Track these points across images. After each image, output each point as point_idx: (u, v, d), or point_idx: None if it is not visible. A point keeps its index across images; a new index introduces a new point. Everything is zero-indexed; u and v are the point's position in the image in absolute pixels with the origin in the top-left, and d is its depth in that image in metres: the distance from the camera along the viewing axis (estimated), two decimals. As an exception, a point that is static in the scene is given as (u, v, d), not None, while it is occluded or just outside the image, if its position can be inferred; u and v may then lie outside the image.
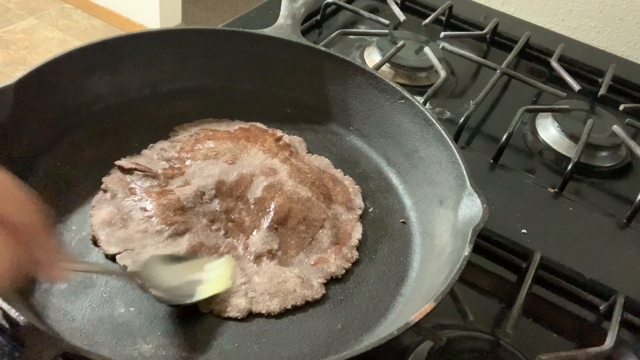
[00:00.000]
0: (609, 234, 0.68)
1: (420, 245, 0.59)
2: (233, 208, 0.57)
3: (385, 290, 0.55)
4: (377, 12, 0.99)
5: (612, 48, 1.07)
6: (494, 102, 0.86)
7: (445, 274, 0.49)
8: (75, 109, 0.62)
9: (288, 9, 0.73)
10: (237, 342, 0.49)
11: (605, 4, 1.05)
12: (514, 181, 0.72)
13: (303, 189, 0.59)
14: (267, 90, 0.72)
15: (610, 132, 0.80)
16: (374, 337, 0.50)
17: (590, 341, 0.56)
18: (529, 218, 0.66)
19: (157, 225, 0.54)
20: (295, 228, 0.57)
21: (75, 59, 0.61)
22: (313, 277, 0.54)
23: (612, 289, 0.60)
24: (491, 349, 0.52)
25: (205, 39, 0.69)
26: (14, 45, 2.37)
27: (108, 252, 0.52)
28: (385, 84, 0.67)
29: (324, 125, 0.71)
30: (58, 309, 0.48)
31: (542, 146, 0.80)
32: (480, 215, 0.52)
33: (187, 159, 0.61)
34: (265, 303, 0.51)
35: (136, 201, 0.56)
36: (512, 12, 1.11)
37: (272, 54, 0.70)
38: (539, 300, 0.60)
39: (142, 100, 0.67)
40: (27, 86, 0.56)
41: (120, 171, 0.59)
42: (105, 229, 0.54)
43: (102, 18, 2.60)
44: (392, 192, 0.65)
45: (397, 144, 0.67)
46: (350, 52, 0.90)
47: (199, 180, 0.58)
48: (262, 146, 0.64)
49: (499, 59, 0.89)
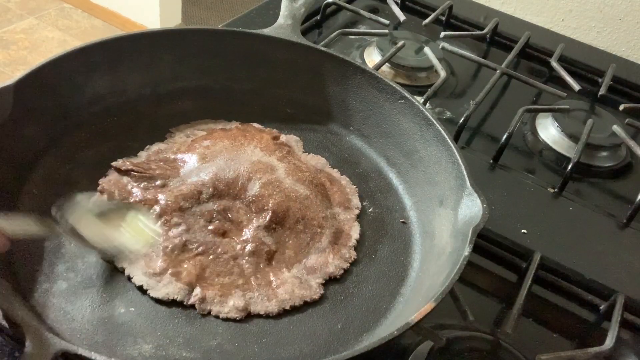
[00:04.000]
0: (609, 234, 0.68)
1: (420, 245, 0.59)
2: (230, 207, 0.57)
3: (385, 290, 0.55)
4: (377, 12, 0.99)
5: (612, 48, 1.07)
6: (494, 102, 0.86)
7: (445, 274, 0.49)
8: (75, 109, 0.62)
9: (288, 9, 0.73)
10: (237, 342, 0.49)
11: (605, 4, 1.05)
12: (514, 181, 0.72)
13: (301, 187, 0.59)
14: (267, 90, 0.71)
15: (610, 132, 0.80)
16: (374, 337, 0.50)
17: (590, 341, 0.57)
18: (529, 218, 0.66)
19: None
20: (293, 228, 0.57)
21: (75, 59, 0.61)
22: (311, 277, 0.54)
23: (612, 289, 0.60)
24: (491, 349, 0.52)
25: (205, 39, 0.69)
26: (14, 45, 2.37)
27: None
28: (385, 84, 0.67)
29: (324, 125, 0.71)
30: (58, 309, 0.48)
31: (542, 146, 0.80)
32: (480, 215, 0.52)
33: (183, 159, 0.61)
34: (263, 304, 0.51)
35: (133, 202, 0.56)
36: (512, 12, 1.11)
37: (272, 53, 0.70)
38: (539, 300, 0.60)
39: (142, 100, 0.67)
40: (27, 86, 0.56)
41: (117, 172, 0.59)
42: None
43: (102, 18, 2.60)
44: (392, 192, 0.65)
45: (397, 144, 0.67)
46: (350, 52, 0.90)
47: (195, 180, 0.58)
48: (259, 144, 0.64)
49: (499, 59, 0.89)
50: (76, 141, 0.61)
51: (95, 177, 0.58)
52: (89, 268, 0.52)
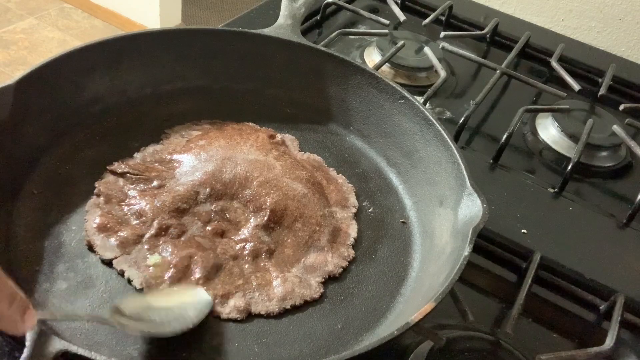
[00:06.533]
0: (609, 234, 0.68)
1: (420, 245, 0.59)
2: (228, 207, 0.57)
3: (385, 290, 0.55)
4: (377, 12, 0.99)
5: (612, 48, 1.07)
6: (494, 102, 0.86)
7: (445, 274, 0.49)
8: (75, 109, 0.62)
9: (288, 9, 0.73)
10: (237, 342, 0.49)
11: (605, 4, 1.05)
12: (514, 181, 0.72)
13: (298, 186, 0.59)
14: (267, 90, 0.72)
15: (610, 132, 0.80)
16: (374, 337, 0.50)
17: (590, 341, 0.56)
18: (529, 218, 0.66)
19: (152, 229, 0.54)
20: (291, 226, 0.57)
21: (75, 59, 0.61)
22: (311, 276, 0.54)
23: (612, 289, 0.60)
24: (491, 349, 0.52)
25: (205, 39, 0.69)
26: (14, 45, 2.37)
27: (104, 257, 0.52)
28: (385, 84, 0.67)
29: (324, 125, 0.71)
30: (58, 309, 0.48)
31: (542, 146, 0.80)
32: (480, 215, 0.52)
33: (179, 160, 0.61)
34: (264, 303, 0.51)
35: (130, 205, 0.56)
36: (512, 12, 1.11)
37: (272, 54, 0.70)
38: (539, 300, 0.60)
39: (142, 100, 0.67)
40: (27, 86, 0.56)
41: (113, 175, 0.59)
42: (100, 233, 0.53)
43: (102, 18, 2.60)
44: (392, 192, 0.65)
45: (397, 144, 0.67)
46: (350, 52, 0.90)
47: (192, 180, 0.58)
48: (255, 142, 0.64)
49: (499, 59, 0.89)
50: (76, 141, 0.61)
51: (95, 177, 0.58)
52: (89, 268, 0.52)
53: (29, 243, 0.52)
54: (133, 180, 0.58)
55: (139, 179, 0.58)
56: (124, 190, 0.57)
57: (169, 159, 0.61)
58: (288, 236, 0.56)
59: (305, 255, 0.56)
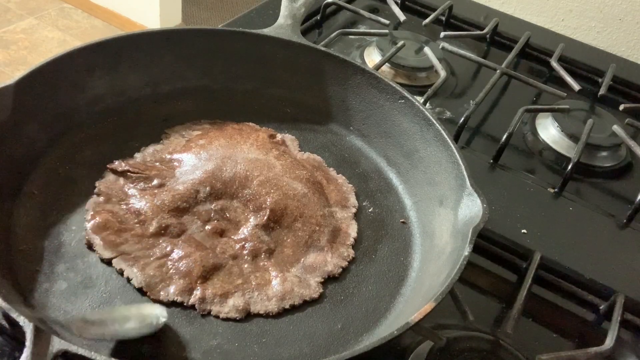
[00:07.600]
0: (609, 234, 0.68)
1: (420, 245, 0.59)
2: (228, 206, 0.57)
3: (385, 290, 0.55)
4: (377, 12, 0.99)
5: (612, 48, 1.07)
6: (494, 102, 0.86)
7: (445, 274, 0.49)
8: (75, 109, 0.62)
9: (288, 9, 0.73)
10: (237, 342, 0.49)
11: (605, 4, 1.05)
12: (514, 181, 0.72)
13: (298, 185, 0.59)
14: (267, 90, 0.72)
15: (610, 132, 0.80)
16: (374, 337, 0.50)
17: (590, 341, 0.56)
18: (529, 218, 0.66)
19: (152, 228, 0.54)
20: (291, 226, 0.57)
21: (75, 59, 0.61)
22: (310, 276, 0.54)
23: (612, 289, 0.60)
24: (491, 349, 0.52)
25: (205, 39, 0.69)
26: (14, 45, 2.37)
27: (103, 257, 0.52)
28: (385, 84, 0.67)
29: (324, 125, 0.71)
30: (58, 309, 0.48)
31: (542, 146, 0.80)
32: (480, 215, 0.52)
33: (180, 159, 0.61)
34: (263, 303, 0.51)
35: (130, 204, 0.56)
36: (512, 12, 1.11)
37: (272, 54, 0.70)
38: (539, 300, 0.60)
39: (142, 100, 0.67)
40: (27, 86, 0.56)
41: (113, 174, 0.59)
42: (100, 233, 0.53)
43: (102, 18, 2.60)
44: (392, 192, 0.65)
45: (397, 144, 0.67)
46: (350, 52, 0.90)
47: (192, 179, 0.58)
48: (255, 142, 0.64)
49: (499, 59, 0.89)
50: (76, 141, 0.61)
51: (95, 177, 0.58)
52: (89, 268, 0.52)
53: (29, 243, 0.52)
54: (133, 179, 0.58)
55: (140, 178, 0.58)
56: (124, 189, 0.57)
57: (169, 158, 0.61)
58: (288, 236, 0.56)
59: (305, 255, 0.56)
